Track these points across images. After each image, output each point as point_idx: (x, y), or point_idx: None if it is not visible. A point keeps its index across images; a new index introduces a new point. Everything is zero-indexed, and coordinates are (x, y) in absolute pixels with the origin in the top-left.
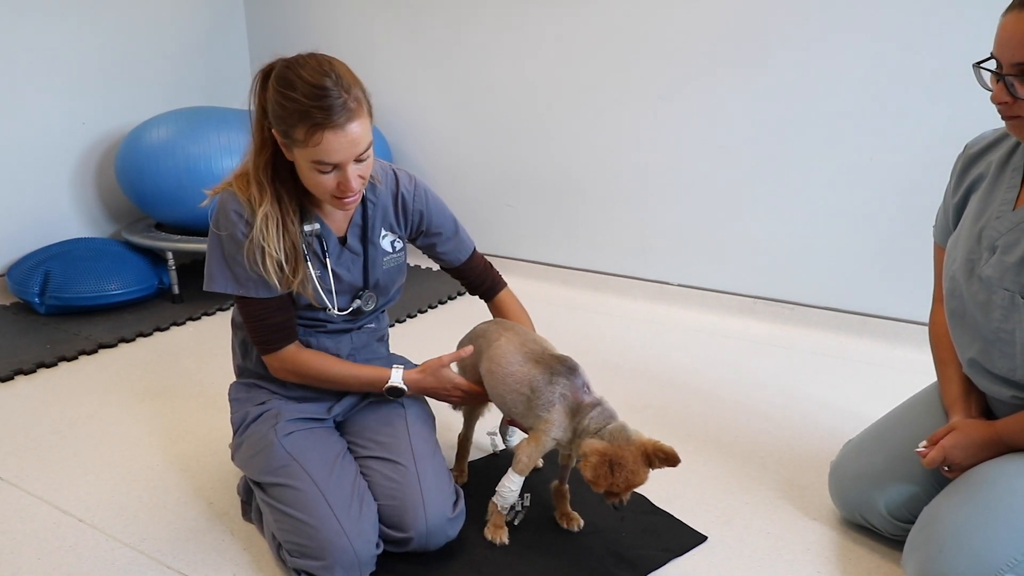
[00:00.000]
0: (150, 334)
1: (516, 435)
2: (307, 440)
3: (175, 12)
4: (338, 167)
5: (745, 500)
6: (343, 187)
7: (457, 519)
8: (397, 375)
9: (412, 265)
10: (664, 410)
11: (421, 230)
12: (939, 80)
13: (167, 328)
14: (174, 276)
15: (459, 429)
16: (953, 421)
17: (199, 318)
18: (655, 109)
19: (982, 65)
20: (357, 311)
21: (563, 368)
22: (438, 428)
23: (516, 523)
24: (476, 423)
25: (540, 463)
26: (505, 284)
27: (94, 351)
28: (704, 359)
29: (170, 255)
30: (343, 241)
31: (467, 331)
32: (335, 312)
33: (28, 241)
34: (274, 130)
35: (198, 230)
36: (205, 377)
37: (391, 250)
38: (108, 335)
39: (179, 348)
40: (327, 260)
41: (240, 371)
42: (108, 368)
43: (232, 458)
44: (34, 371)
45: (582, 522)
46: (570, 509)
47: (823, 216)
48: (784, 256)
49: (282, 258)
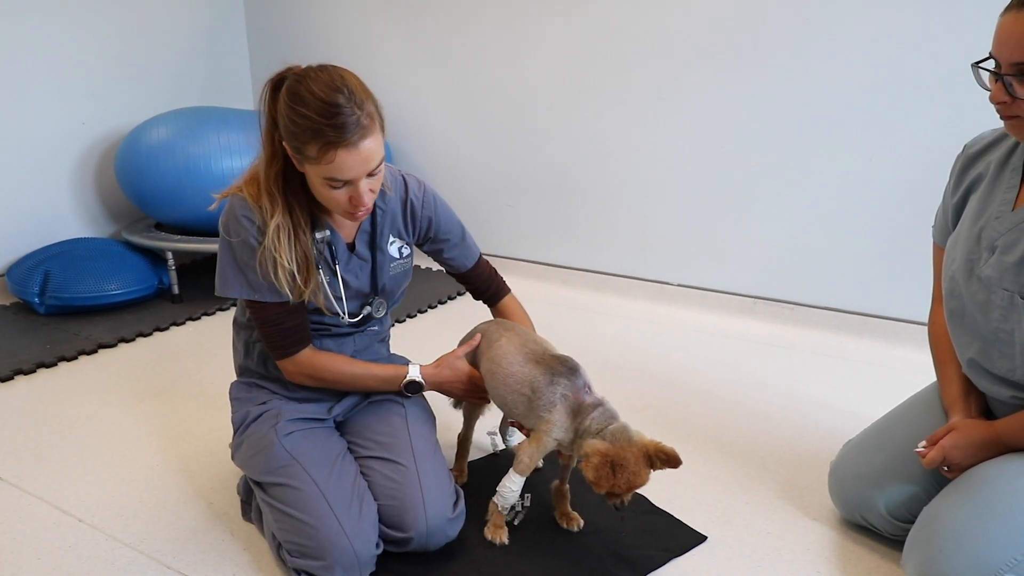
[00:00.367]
0: (150, 334)
1: (516, 435)
2: (307, 440)
3: (175, 12)
4: (350, 183)
5: (745, 500)
6: (355, 202)
7: (457, 519)
8: (415, 370)
9: (413, 265)
10: (664, 410)
11: (429, 236)
12: (939, 80)
13: (167, 328)
14: (174, 276)
15: (459, 429)
16: (953, 421)
17: (199, 318)
18: (655, 109)
19: (981, 65)
20: (367, 317)
21: (564, 368)
22: (438, 428)
23: (516, 523)
24: (476, 423)
25: (540, 463)
26: (509, 290)
27: (94, 351)
28: (704, 359)
29: (170, 255)
30: (352, 247)
31: (467, 331)
32: (346, 319)
33: (28, 241)
34: (285, 143)
35: (198, 230)
36: (205, 377)
37: (398, 256)
38: (108, 335)
39: (179, 348)
40: (336, 267)
41: (241, 370)
42: (108, 368)
43: (232, 458)
44: (34, 371)
45: (582, 522)
46: (570, 509)
47: (823, 216)
48: (784, 256)
49: (294, 268)
